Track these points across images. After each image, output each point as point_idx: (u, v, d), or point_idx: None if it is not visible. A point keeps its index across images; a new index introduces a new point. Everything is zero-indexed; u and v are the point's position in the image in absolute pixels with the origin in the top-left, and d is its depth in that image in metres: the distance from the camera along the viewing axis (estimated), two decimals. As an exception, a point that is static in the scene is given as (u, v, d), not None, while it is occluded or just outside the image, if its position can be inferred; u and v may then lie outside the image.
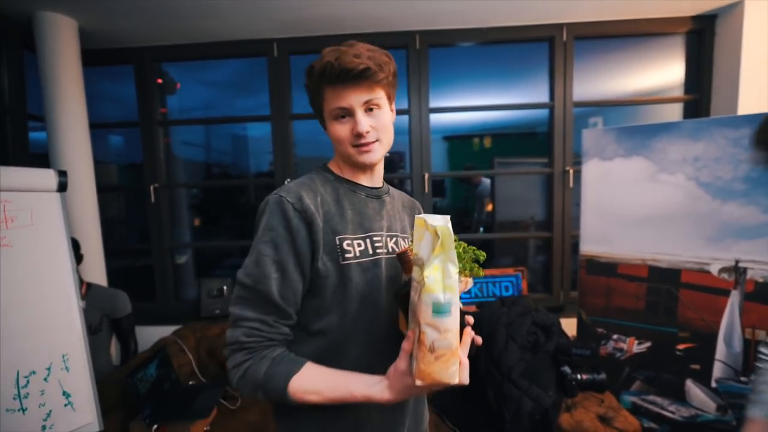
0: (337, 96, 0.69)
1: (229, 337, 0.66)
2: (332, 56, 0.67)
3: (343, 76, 0.67)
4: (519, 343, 1.61)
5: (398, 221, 0.83)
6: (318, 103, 0.74)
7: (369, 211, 0.77)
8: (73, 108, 1.98)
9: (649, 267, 1.70)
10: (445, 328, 0.54)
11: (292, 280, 0.67)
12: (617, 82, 2.48)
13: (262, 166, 3.49)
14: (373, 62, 0.67)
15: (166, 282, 2.43)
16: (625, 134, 1.71)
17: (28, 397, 1.29)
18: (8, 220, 1.36)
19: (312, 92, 0.74)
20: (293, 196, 0.69)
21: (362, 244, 0.73)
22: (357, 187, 0.78)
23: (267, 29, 2.14)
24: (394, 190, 0.89)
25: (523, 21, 2.16)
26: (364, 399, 0.63)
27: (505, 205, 2.78)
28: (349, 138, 0.71)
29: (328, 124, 0.74)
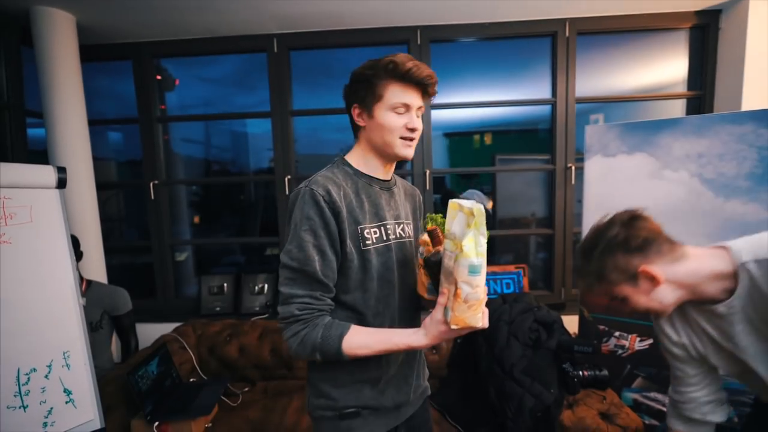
0: (404, 93, 0.82)
1: (283, 312, 0.79)
2: (412, 63, 0.81)
3: (417, 80, 0.82)
4: (521, 341, 1.61)
5: (403, 209, 0.95)
6: (375, 92, 0.83)
7: (382, 202, 0.89)
8: (71, 104, 1.96)
9: (651, 264, 1.68)
10: (476, 284, 0.69)
11: (330, 260, 0.80)
12: (619, 79, 2.46)
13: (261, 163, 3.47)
14: (436, 79, 0.84)
15: (167, 279, 2.43)
16: (628, 130, 1.70)
17: (29, 394, 1.29)
18: (7, 216, 1.35)
19: (371, 81, 0.82)
20: (323, 189, 0.80)
21: (378, 231, 0.86)
22: (373, 180, 0.89)
23: (267, 24, 2.13)
24: (399, 179, 0.99)
25: (525, 16, 2.14)
26: (405, 347, 0.79)
27: (506, 202, 2.77)
28: (400, 130, 0.83)
29: (380, 113, 0.83)
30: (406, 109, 0.83)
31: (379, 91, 0.83)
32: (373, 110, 0.84)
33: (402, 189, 0.98)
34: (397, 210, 0.92)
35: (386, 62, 0.81)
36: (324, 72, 2.54)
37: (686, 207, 1.59)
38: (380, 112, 0.83)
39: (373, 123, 0.84)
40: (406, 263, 0.91)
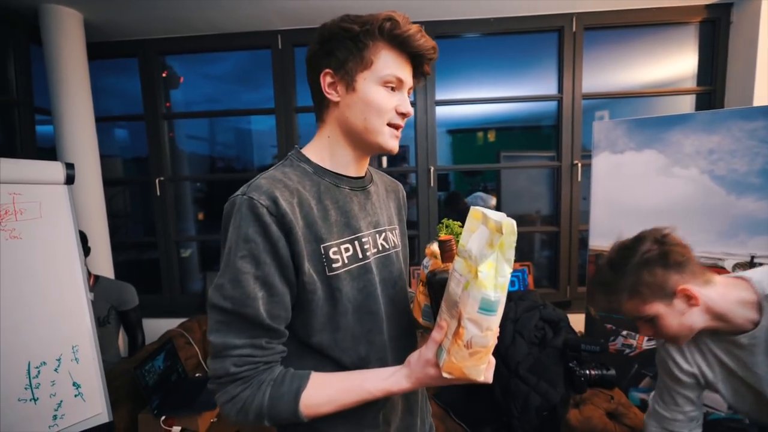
0: (399, 65, 0.62)
1: (214, 369, 0.57)
2: (415, 28, 0.61)
3: (420, 50, 0.62)
4: (526, 339, 1.59)
5: (384, 212, 0.74)
6: (363, 55, 0.61)
7: (354, 208, 0.67)
8: (79, 101, 1.97)
9: (659, 262, 1.66)
10: (488, 326, 0.52)
11: (281, 295, 0.58)
12: (627, 74, 2.42)
13: (265, 159, 3.47)
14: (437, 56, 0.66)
15: (172, 275, 2.44)
16: (637, 126, 1.67)
17: (39, 387, 1.30)
18: (17, 212, 1.36)
19: (359, 40, 0.60)
20: (267, 197, 0.57)
21: (350, 248, 0.64)
22: (340, 180, 0.67)
23: (272, 20, 2.12)
24: (375, 173, 0.78)
25: (531, 11, 2.12)
26: (383, 393, 0.58)
27: (510, 199, 2.74)
28: (390, 113, 0.63)
29: (365, 85, 0.61)
30: (398, 87, 0.63)
31: (368, 55, 0.61)
32: (355, 79, 0.62)
33: (382, 185, 0.77)
34: (376, 215, 0.70)
35: (383, 18, 0.60)
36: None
37: (697, 204, 1.56)
38: (366, 84, 0.61)
39: (353, 98, 0.62)
40: (395, 282, 0.70)
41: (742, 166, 1.49)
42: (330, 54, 0.62)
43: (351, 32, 0.60)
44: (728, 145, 1.51)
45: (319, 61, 0.64)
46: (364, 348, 0.64)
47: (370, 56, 0.61)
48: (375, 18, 0.60)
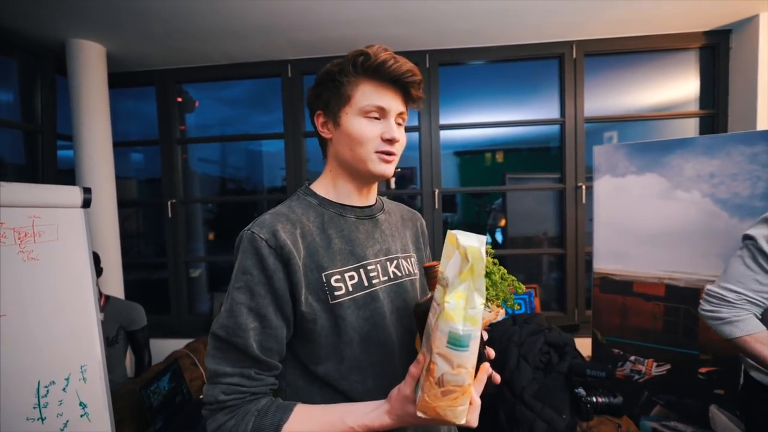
0: (379, 94, 0.65)
1: (206, 395, 0.59)
2: (388, 55, 0.64)
3: (398, 78, 0.64)
4: (531, 363, 1.59)
5: (398, 240, 0.75)
6: (342, 92, 0.66)
7: (360, 237, 0.68)
8: (99, 128, 2.10)
9: (666, 285, 1.66)
10: (459, 363, 0.48)
11: (274, 327, 0.60)
12: (631, 97, 2.48)
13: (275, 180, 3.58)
14: (420, 78, 0.67)
15: (181, 295, 2.50)
16: (637, 151, 1.71)
17: (47, 406, 1.34)
18: (36, 234, 1.44)
19: (337, 80, 0.66)
20: (267, 231, 0.61)
21: (355, 276, 0.65)
22: (345, 209, 0.70)
23: (282, 50, 2.24)
24: (391, 204, 0.81)
25: (532, 39, 2.21)
26: (363, 429, 0.57)
27: (517, 221, 2.77)
28: (374, 141, 0.65)
29: (348, 120, 0.66)
30: (381, 115, 0.66)
31: (346, 91, 0.65)
32: (339, 117, 0.66)
33: (397, 214, 0.80)
34: (386, 243, 0.72)
35: (355, 54, 0.64)
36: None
37: (699, 227, 1.57)
38: (348, 119, 0.66)
39: (340, 133, 0.67)
40: (409, 312, 0.69)
41: (744, 189, 1.50)
42: (319, 97, 0.69)
43: (330, 74, 0.67)
44: (729, 169, 1.53)
45: (312, 104, 0.71)
46: (372, 380, 0.63)
47: (348, 92, 0.66)
48: (348, 56, 0.66)
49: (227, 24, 1.91)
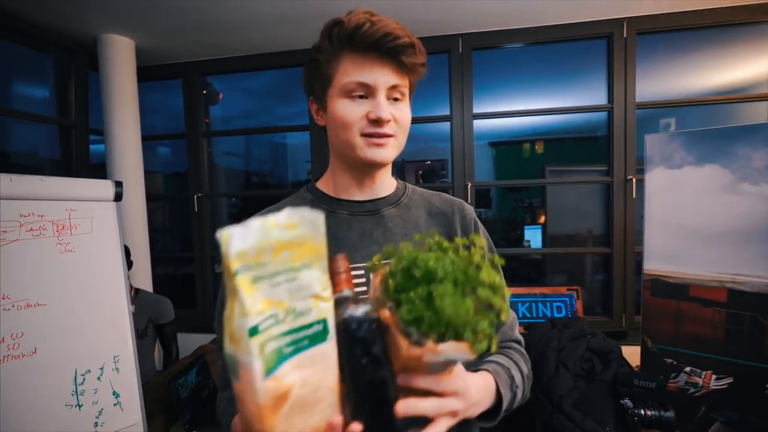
0: (360, 68, 0.58)
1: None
2: (362, 17, 0.57)
3: (377, 44, 0.57)
4: (571, 370, 1.56)
5: (411, 238, 0.66)
6: (326, 73, 0.61)
7: (350, 236, 0.64)
8: (128, 122, 2.25)
9: (728, 290, 1.58)
10: (240, 397, 0.38)
11: None
12: (691, 80, 2.35)
13: (300, 173, 3.68)
14: (415, 40, 0.58)
15: (207, 290, 2.63)
16: (695, 139, 1.63)
17: (84, 394, 1.47)
18: (72, 227, 1.57)
19: (321, 58, 0.61)
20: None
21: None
22: (338, 204, 0.66)
23: (307, 39, 2.30)
24: (419, 194, 0.72)
25: (576, 18, 2.14)
26: None
27: (558, 218, 2.70)
28: (359, 123, 0.59)
29: (331, 104, 0.61)
30: (367, 93, 0.59)
31: (327, 71, 0.61)
32: (325, 101, 0.62)
33: (421, 207, 0.70)
34: (390, 243, 0.65)
35: (328, 25, 0.60)
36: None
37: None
38: (332, 102, 0.61)
39: (329, 119, 0.63)
40: None
41: (825, 182, 1.40)
42: (307, 81, 0.66)
43: (310, 54, 0.63)
44: (807, 159, 1.43)
45: (305, 90, 0.68)
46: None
47: (329, 71, 0.60)
48: (323, 28, 0.60)
49: (252, 14, 1.99)
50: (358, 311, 0.43)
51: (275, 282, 0.37)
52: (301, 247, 0.39)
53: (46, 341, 1.41)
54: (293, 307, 0.38)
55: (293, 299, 0.38)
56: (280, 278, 0.38)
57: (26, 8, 1.89)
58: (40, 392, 1.37)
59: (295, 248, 0.38)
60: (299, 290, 0.39)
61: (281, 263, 0.38)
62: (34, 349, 1.38)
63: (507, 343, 0.70)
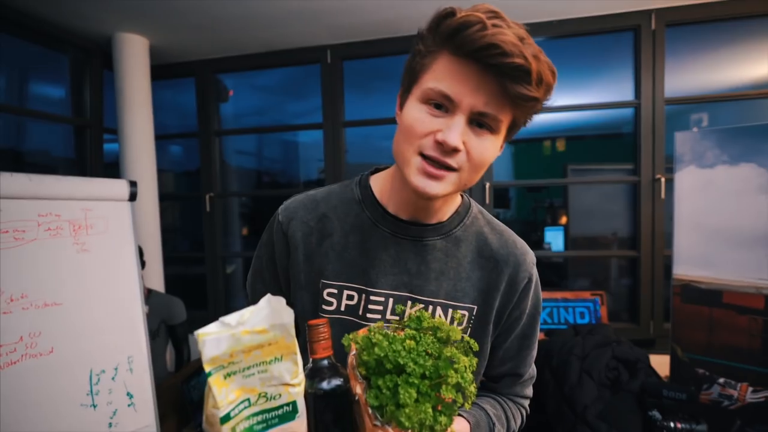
0: (451, 76, 0.49)
1: None
2: (481, 18, 0.47)
3: (479, 55, 0.47)
4: (596, 379, 1.55)
5: (449, 280, 0.61)
6: (418, 67, 0.53)
7: (383, 257, 0.60)
8: (142, 121, 2.31)
9: (765, 297, 1.54)
10: None
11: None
12: (724, 73, 2.30)
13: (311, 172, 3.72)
14: (536, 66, 0.47)
15: (218, 291, 2.68)
16: (729, 137, 1.59)
17: (98, 394, 1.52)
18: (88, 227, 1.63)
19: (420, 48, 0.53)
20: (288, 212, 0.64)
21: (355, 297, 0.60)
22: (383, 219, 0.61)
23: (321, 36, 2.33)
24: (479, 225, 0.64)
25: (601, 11, 2.11)
26: None
27: (581, 219, 2.67)
28: (423, 140, 0.51)
29: (408, 104, 0.54)
30: (447, 106, 0.50)
31: (421, 65, 0.53)
32: (406, 98, 0.55)
33: (471, 245, 0.62)
34: (422, 277, 0.60)
35: (440, 14, 0.51)
36: (378, 75, 2.69)
37: (811, 228, 1.44)
38: (409, 102, 0.54)
39: (401, 119, 0.55)
40: None
41: None
42: (405, 71, 0.57)
43: (414, 40, 0.55)
44: None
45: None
46: None
47: (421, 66, 0.53)
48: (435, 15, 0.51)
49: (265, 11, 2.02)
50: (331, 383, 0.46)
51: (248, 374, 0.42)
52: (272, 345, 0.43)
53: (63, 341, 1.47)
54: (265, 392, 0.43)
55: (265, 386, 0.43)
56: (253, 370, 0.43)
57: (44, 8, 1.96)
58: (57, 391, 1.42)
59: (266, 347, 0.43)
60: (270, 379, 0.43)
61: (253, 359, 0.42)
62: (51, 348, 1.43)
63: (514, 397, 0.70)
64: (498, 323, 0.63)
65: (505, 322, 0.64)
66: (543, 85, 0.49)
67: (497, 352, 0.66)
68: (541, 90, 0.50)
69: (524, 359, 0.67)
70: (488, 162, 0.54)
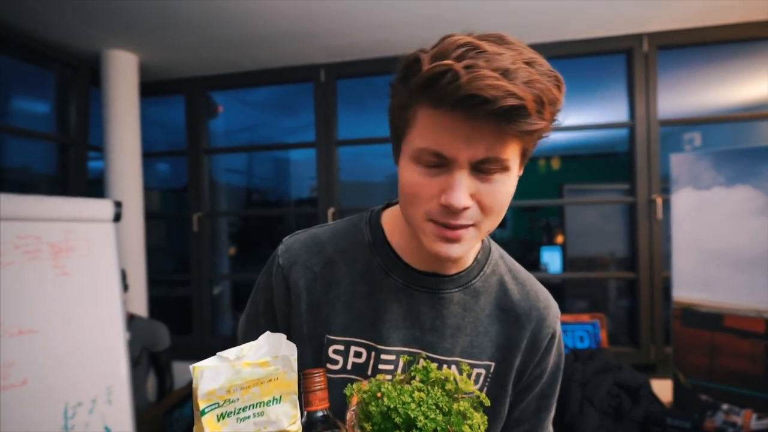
0: (441, 131, 0.44)
1: None
2: (458, 67, 0.41)
3: (468, 105, 0.42)
4: (597, 407, 1.54)
5: (465, 335, 0.57)
6: (399, 122, 0.49)
7: (396, 310, 0.56)
8: (129, 139, 2.30)
9: (766, 321, 1.56)
10: None
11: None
12: (716, 95, 2.38)
13: (302, 191, 3.72)
14: (532, 95, 0.42)
15: (204, 315, 2.63)
16: (725, 159, 1.64)
17: (74, 428, 1.46)
18: (69, 249, 1.60)
19: (395, 102, 0.50)
20: (289, 255, 0.58)
21: (363, 354, 0.56)
22: (396, 267, 0.57)
23: (315, 55, 2.37)
24: (500, 274, 0.60)
25: (594, 33, 2.19)
26: None
27: (578, 239, 2.70)
28: (428, 204, 0.48)
29: (402, 163, 0.50)
30: (443, 163, 0.46)
31: (402, 120, 0.49)
32: (399, 154, 0.52)
33: (490, 296, 0.59)
34: (436, 333, 0.56)
35: (408, 61, 0.46)
36: (372, 93, 2.73)
37: (808, 251, 1.47)
38: (403, 162, 0.50)
39: (399, 177, 0.52)
40: None
41: None
42: (390, 119, 0.53)
43: (393, 86, 0.50)
44: None
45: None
46: None
47: (403, 121, 0.49)
48: (403, 61, 0.47)
49: (258, 30, 2.05)
50: None
51: (243, 416, 0.41)
52: (272, 382, 0.41)
53: (37, 371, 1.42)
54: None
55: (259, 430, 0.42)
56: (249, 412, 0.41)
57: (31, 24, 1.97)
58: (29, 426, 1.37)
59: (265, 384, 0.41)
60: (267, 424, 0.41)
61: (250, 399, 0.41)
62: (24, 379, 1.38)
63: None
64: (517, 382, 0.59)
65: (525, 380, 0.60)
66: (546, 108, 0.44)
67: (513, 412, 0.61)
68: (546, 113, 0.44)
69: (542, 421, 0.63)
70: (507, 203, 0.49)
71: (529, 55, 0.45)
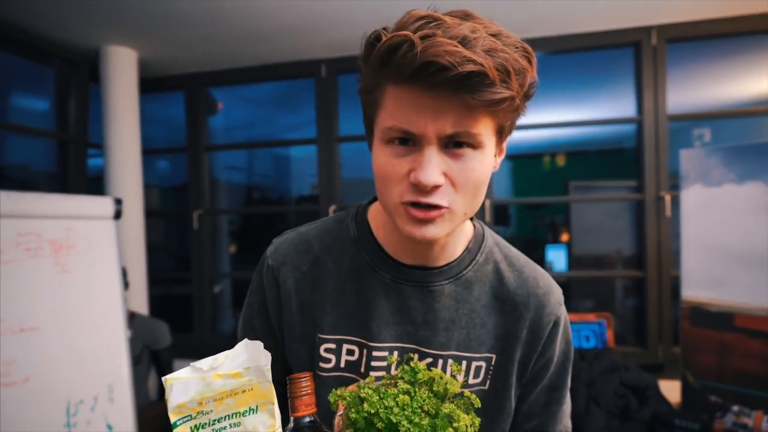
0: (405, 107, 0.44)
1: None
2: (414, 37, 0.40)
3: (425, 75, 0.41)
4: (604, 408, 1.53)
5: (460, 329, 0.56)
6: (369, 105, 0.50)
7: (385, 306, 0.55)
8: (129, 136, 2.31)
9: (777, 320, 1.54)
10: None
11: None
12: (727, 89, 2.36)
13: (303, 188, 3.72)
14: (494, 62, 0.41)
15: (205, 313, 2.64)
16: (735, 155, 1.62)
17: (76, 426, 1.47)
18: (70, 246, 1.60)
19: (362, 85, 0.50)
20: (278, 255, 0.58)
21: (356, 352, 0.56)
22: (383, 262, 0.56)
23: (315, 50, 2.36)
24: (495, 261, 0.58)
25: (601, 26, 2.17)
26: None
27: (583, 237, 2.69)
28: (399, 186, 0.47)
29: (374, 147, 0.50)
30: (410, 140, 0.46)
31: (370, 102, 0.49)
32: (371, 139, 0.52)
33: (485, 286, 0.57)
34: (429, 329, 0.55)
35: (369, 39, 0.46)
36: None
37: (821, 249, 1.46)
38: (375, 145, 0.50)
39: (373, 163, 0.51)
40: None
41: None
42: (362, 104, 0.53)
43: (360, 63, 0.50)
44: None
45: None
46: None
47: (371, 103, 0.49)
48: (371, 39, 0.46)
49: (258, 26, 2.05)
50: None
51: (218, 428, 0.40)
52: (246, 393, 0.40)
53: (39, 369, 1.43)
54: None
55: None
56: (225, 423, 0.40)
57: (30, 20, 1.98)
58: (30, 424, 1.38)
59: (239, 395, 0.40)
60: None
61: (225, 410, 0.40)
62: (25, 377, 1.39)
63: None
64: (522, 375, 0.58)
65: (530, 372, 0.58)
66: (512, 78, 0.42)
67: (522, 406, 0.60)
68: (513, 83, 0.42)
69: (554, 415, 0.60)
70: (482, 181, 0.48)
71: (495, 29, 0.45)
